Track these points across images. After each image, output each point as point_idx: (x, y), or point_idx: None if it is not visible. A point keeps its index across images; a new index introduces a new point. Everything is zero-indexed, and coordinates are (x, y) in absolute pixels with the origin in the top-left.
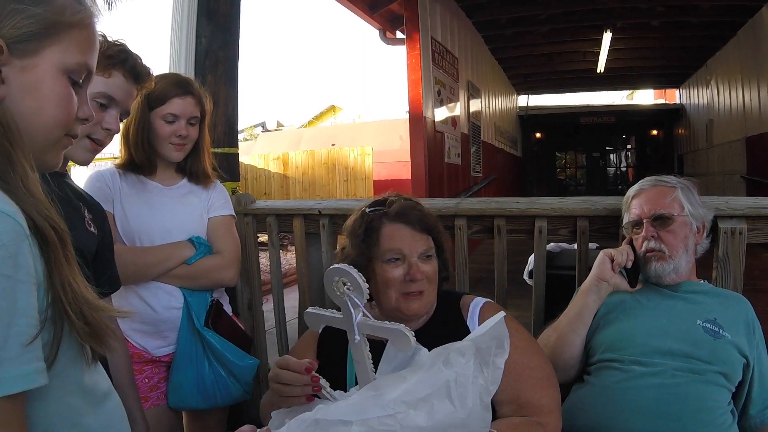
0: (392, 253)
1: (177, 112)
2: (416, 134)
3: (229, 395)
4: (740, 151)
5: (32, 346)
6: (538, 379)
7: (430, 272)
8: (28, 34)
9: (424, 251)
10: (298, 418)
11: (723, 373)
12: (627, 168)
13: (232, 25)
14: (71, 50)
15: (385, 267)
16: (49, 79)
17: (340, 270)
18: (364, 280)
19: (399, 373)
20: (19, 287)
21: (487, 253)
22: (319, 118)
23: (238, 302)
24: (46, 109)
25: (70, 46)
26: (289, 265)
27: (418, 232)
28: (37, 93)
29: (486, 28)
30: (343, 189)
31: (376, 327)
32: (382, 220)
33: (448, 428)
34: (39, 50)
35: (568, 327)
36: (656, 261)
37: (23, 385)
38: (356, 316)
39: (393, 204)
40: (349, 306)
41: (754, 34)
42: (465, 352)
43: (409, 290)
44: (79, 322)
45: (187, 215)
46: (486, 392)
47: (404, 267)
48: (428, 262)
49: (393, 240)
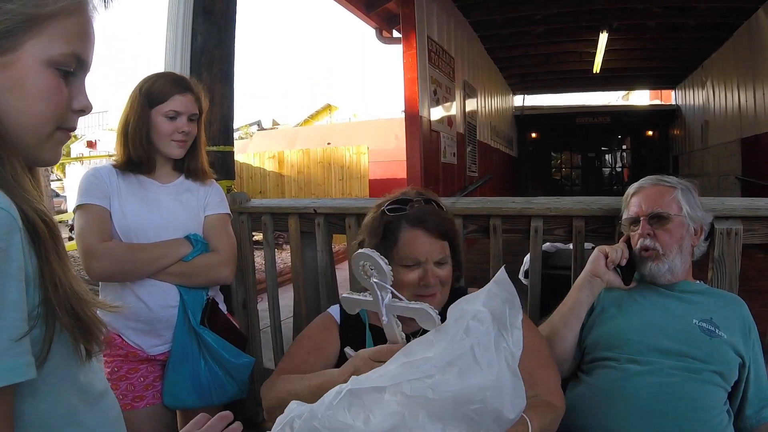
0: (409, 260)
1: (179, 109)
2: (412, 133)
3: (225, 394)
4: (735, 153)
5: (21, 340)
6: (545, 358)
7: (444, 276)
8: (3, 31)
9: (440, 258)
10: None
11: (719, 372)
12: (622, 168)
13: (228, 23)
14: (56, 41)
15: (401, 270)
16: (31, 73)
17: (364, 255)
18: (387, 263)
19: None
20: (9, 281)
21: (483, 253)
22: (314, 116)
23: (232, 301)
24: (31, 105)
25: (54, 37)
26: (284, 264)
27: (436, 238)
28: (21, 89)
29: (482, 27)
30: (339, 188)
31: (402, 307)
32: (401, 222)
33: (479, 391)
34: (17, 46)
35: (561, 322)
36: (651, 261)
37: (10, 378)
38: (384, 299)
39: (414, 206)
40: (376, 289)
41: (750, 36)
42: (483, 320)
43: (424, 293)
44: (69, 318)
45: (184, 213)
46: (511, 356)
47: (420, 272)
48: (443, 267)
49: (411, 247)
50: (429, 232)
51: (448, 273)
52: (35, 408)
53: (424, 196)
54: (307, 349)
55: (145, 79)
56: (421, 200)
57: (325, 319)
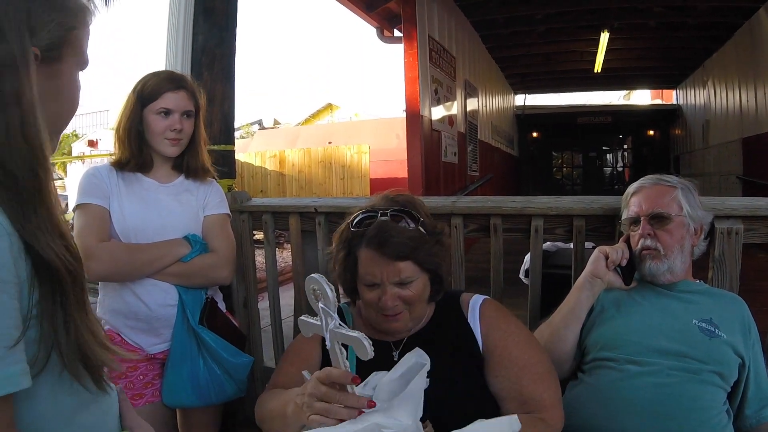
0: (366, 280)
1: (170, 107)
2: (413, 133)
3: (224, 393)
4: (737, 152)
5: (15, 347)
6: (539, 374)
7: (408, 296)
8: (52, 43)
9: (400, 280)
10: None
11: (718, 372)
12: (623, 168)
13: (229, 22)
14: (83, 48)
15: (363, 288)
16: (70, 81)
17: (314, 279)
18: (333, 290)
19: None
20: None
21: (483, 252)
22: (316, 116)
23: (233, 300)
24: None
25: (82, 45)
26: (284, 263)
27: (392, 260)
28: (61, 97)
29: (483, 27)
30: (340, 187)
31: (342, 335)
32: (360, 241)
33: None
34: (62, 57)
35: (561, 323)
36: (651, 260)
37: (7, 388)
38: (328, 324)
39: (372, 224)
40: (321, 314)
41: (751, 36)
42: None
43: (386, 313)
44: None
45: (183, 213)
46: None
47: (378, 292)
48: (407, 286)
49: (367, 266)
50: (385, 254)
51: (415, 292)
52: (33, 410)
53: (396, 207)
54: (290, 362)
55: (140, 79)
56: (389, 213)
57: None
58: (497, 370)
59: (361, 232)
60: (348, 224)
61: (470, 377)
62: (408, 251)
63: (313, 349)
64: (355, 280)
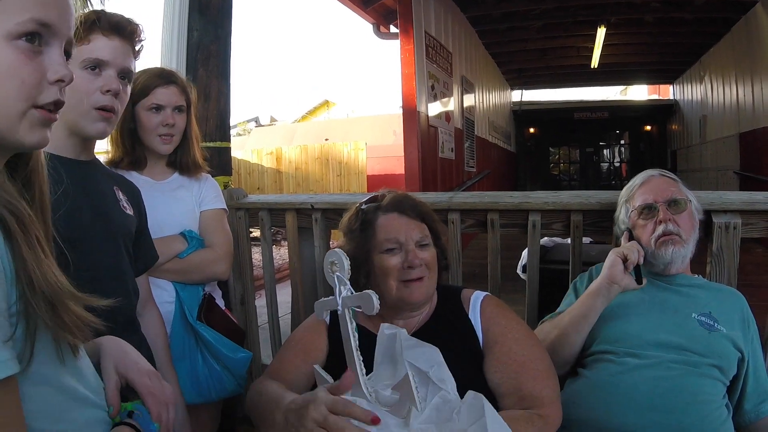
0: (389, 243)
1: (161, 102)
2: (410, 129)
3: (223, 389)
4: (734, 147)
5: None
6: (539, 371)
7: (428, 258)
8: None
9: (420, 239)
10: None
11: (718, 366)
12: (620, 163)
13: (224, 18)
14: (12, 12)
15: (383, 257)
16: None
17: (333, 253)
18: (347, 257)
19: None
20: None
21: (481, 248)
22: (312, 113)
23: (230, 297)
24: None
25: (8, 8)
26: (281, 260)
27: (413, 219)
28: None
29: (480, 22)
30: (337, 184)
31: (353, 297)
32: (377, 213)
33: None
34: None
35: (572, 327)
36: (673, 245)
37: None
38: (341, 292)
39: (385, 197)
40: (336, 282)
41: (748, 31)
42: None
43: (409, 277)
44: (49, 314)
45: (179, 209)
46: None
47: (402, 255)
48: (425, 249)
49: (389, 230)
50: (405, 213)
51: (432, 255)
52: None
53: (396, 191)
54: (294, 352)
55: None
56: (394, 192)
57: (314, 319)
58: (496, 366)
59: (376, 206)
60: (358, 207)
61: (471, 372)
62: (424, 213)
63: (319, 338)
64: (367, 260)
